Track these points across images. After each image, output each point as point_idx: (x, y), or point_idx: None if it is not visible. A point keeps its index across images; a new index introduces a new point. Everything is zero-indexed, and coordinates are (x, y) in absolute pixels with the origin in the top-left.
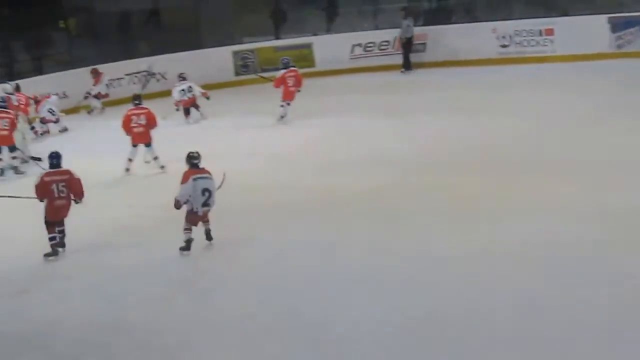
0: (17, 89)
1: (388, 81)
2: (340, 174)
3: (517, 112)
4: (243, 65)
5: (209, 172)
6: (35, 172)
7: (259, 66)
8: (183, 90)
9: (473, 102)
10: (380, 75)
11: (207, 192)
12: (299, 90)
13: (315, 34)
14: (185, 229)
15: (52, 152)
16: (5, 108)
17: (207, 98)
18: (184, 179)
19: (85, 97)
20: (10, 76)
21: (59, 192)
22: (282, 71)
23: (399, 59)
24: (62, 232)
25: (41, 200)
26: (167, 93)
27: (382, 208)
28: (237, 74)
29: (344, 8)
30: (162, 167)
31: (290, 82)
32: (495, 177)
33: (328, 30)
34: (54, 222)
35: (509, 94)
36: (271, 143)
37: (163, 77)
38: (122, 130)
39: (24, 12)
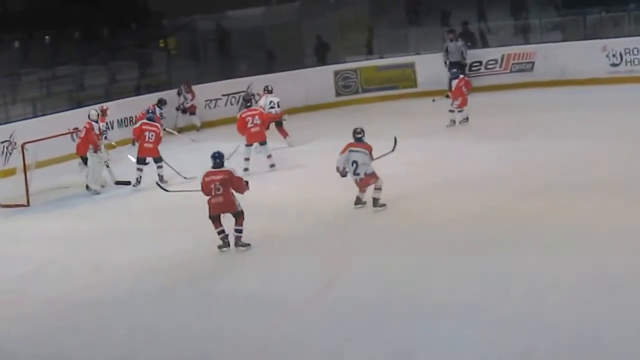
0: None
1: (494, 102)
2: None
3: (625, 134)
4: (344, 86)
5: (366, 147)
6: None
7: (360, 86)
8: (272, 102)
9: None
10: (487, 95)
11: (355, 163)
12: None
13: (418, 53)
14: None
15: (215, 152)
16: (152, 121)
17: (284, 120)
18: (343, 150)
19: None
20: (109, 96)
21: (216, 190)
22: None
23: (507, 79)
24: (222, 232)
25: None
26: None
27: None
28: (338, 94)
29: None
30: (273, 165)
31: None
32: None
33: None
34: (214, 217)
35: (616, 114)
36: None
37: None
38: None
39: (124, 31)
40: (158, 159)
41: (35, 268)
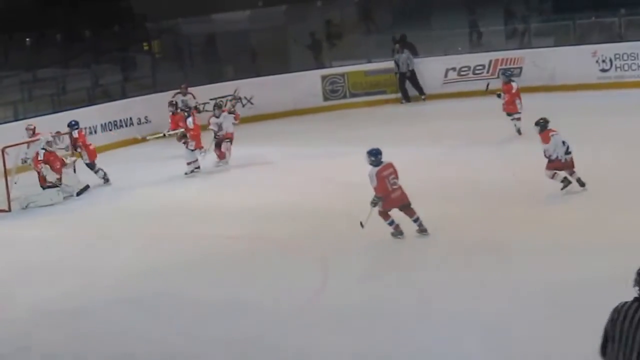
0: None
1: (481, 107)
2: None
3: (614, 139)
4: (332, 90)
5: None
6: None
7: (348, 90)
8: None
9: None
10: (473, 100)
11: (565, 143)
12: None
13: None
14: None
15: (373, 149)
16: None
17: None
18: (546, 139)
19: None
20: (92, 100)
21: (392, 184)
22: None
23: (496, 83)
24: (417, 219)
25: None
26: (253, 118)
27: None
28: (325, 99)
29: (437, 31)
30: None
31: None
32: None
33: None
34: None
35: (606, 120)
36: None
37: (249, 101)
38: None
39: (107, 33)
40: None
41: (16, 273)
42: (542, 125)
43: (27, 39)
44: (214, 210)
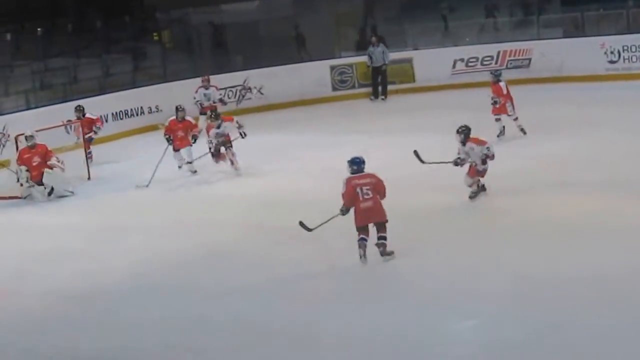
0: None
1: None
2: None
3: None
4: (341, 81)
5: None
6: None
7: (357, 81)
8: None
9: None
10: (481, 91)
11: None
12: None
13: (416, 48)
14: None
15: (355, 158)
16: None
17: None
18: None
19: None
20: (104, 89)
21: (363, 194)
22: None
23: (504, 75)
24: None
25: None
26: (263, 108)
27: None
28: (334, 89)
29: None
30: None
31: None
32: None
33: None
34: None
35: (614, 112)
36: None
37: (259, 91)
38: None
39: (117, 24)
40: None
41: (29, 260)
42: (465, 133)
43: (39, 29)
44: (222, 197)
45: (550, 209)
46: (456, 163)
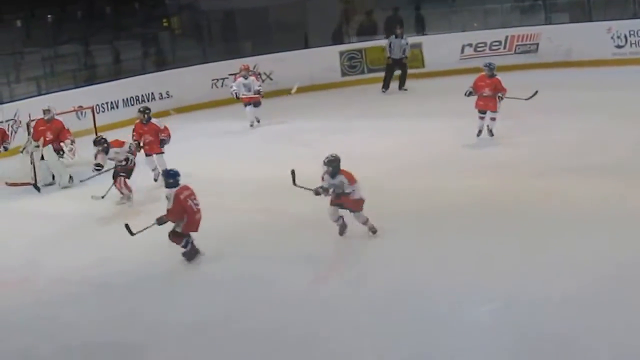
0: None
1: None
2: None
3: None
4: (350, 66)
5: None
6: None
7: (366, 66)
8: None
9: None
10: None
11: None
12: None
13: (424, 34)
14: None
15: (170, 171)
16: None
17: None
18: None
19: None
20: (114, 75)
21: (195, 205)
22: None
23: (512, 60)
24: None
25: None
26: (272, 94)
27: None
28: (343, 74)
29: (455, 7)
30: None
31: None
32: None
33: None
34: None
35: (622, 96)
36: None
37: (269, 77)
38: None
39: (127, 10)
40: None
41: (40, 246)
42: (333, 165)
43: (49, 16)
44: (229, 182)
45: (560, 194)
46: (317, 192)
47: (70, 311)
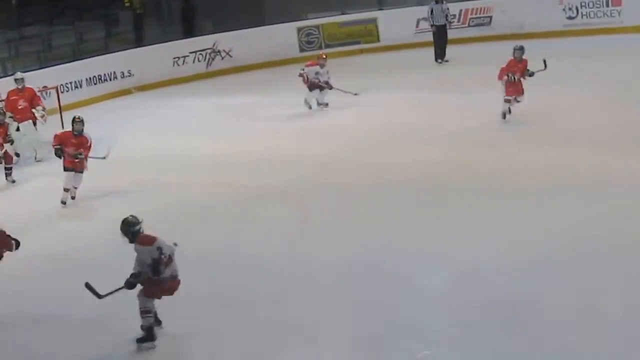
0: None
1: (451, 56)
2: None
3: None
4: (308, 42)
5: None
6: None
7: (323, 41)
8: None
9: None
10: (449, 49)
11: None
12: None
13: (380, 9)
14: None
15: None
16: None
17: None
18: None
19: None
20: (77, 55)
21: None
22: None
23: (466, 33)
24: None
25: None
26: (232, 70)
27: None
28: (301, 50)
29: None
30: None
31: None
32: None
33: None
34: None
35: (574, 64)
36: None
37: (228, 54)
38: None
39: None
40: None
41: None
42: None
43: None
44: (194, 158)
45: (512, 162)
46: (129, 285)
47: (40, 286)
